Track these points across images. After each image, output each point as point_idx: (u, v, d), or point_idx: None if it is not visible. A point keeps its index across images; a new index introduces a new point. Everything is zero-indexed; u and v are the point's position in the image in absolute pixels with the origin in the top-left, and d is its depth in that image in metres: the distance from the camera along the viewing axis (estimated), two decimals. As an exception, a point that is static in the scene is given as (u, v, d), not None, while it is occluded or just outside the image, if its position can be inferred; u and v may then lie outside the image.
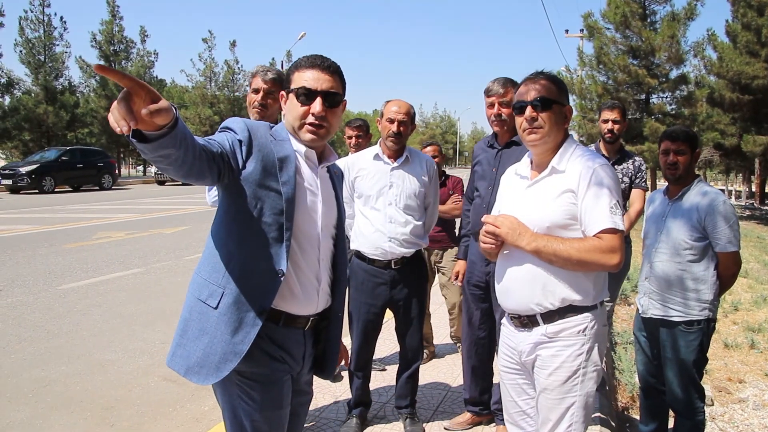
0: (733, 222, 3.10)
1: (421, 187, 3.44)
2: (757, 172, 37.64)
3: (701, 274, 3.14)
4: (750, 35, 23.04)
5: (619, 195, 2.12)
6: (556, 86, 2.25)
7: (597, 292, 2.18)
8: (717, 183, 61.32)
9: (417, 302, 3.52)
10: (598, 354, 2.18)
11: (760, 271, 11.24)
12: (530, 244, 2.12)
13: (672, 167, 3.21)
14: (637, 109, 22.14)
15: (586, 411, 2.17)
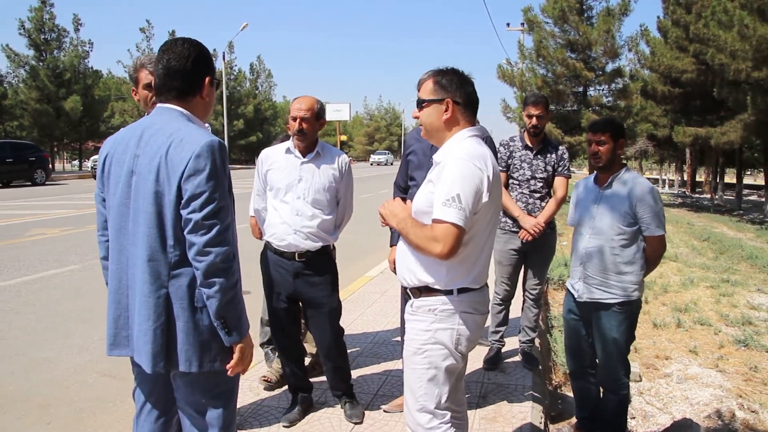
0: (660, 207, 3.29)
1: (332, 182, 3.46)
2: (688, 162, 39.29)
3: (633, 257, 3.31)
4: (679, 31, 24.00)
5: (464, 189, 2.17)
6: (434, 84, 2.38)
7: (451, 279, 2.29)
8: (652, 172, 63.68)
9: (324, 297, 3.51)
10: (449, 337, 2.31)
11: (689, 255, 11.78)
12: (396, 226, 2.34)
13: (595, 157, 3.36)
14: (575, 101, 22.75)
15: (435, 384, 2.32)
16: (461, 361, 2.40)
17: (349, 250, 9.83)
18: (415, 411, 2.36)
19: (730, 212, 23.92)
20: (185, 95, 2.12)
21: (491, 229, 2.39)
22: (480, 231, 2.31)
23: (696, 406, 4.70)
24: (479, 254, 2.35)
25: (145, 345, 2.03)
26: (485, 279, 2.42)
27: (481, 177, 2.22)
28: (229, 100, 49.05)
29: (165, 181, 1.97)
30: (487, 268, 2.43)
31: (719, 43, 17.74)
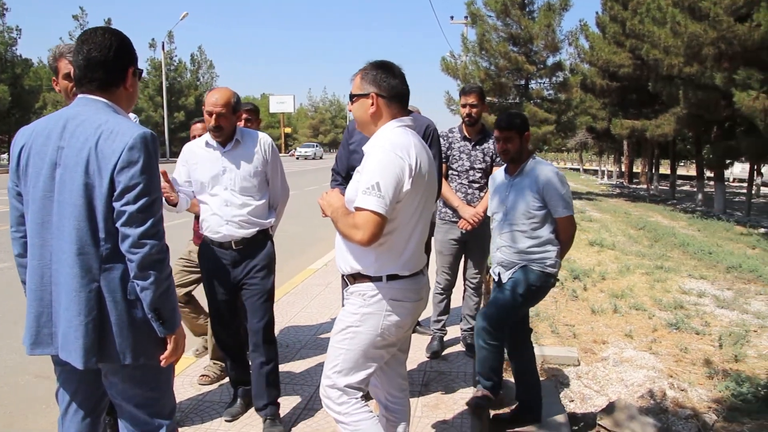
0: (566, 190, 3.46)
1: (257, 167, 3.38)
2: (626, 154, 40.56)
3: (545, 237, 3.47)
4: (617, 27, 24.69)
5: (384, 178, 2.23)
6: (360, 79, 2.46)
7: (380, 266, 2.37)
8: (591, 164, 65.44)
9: (259, 279, 3.42)
10: (375, 322, 2.38)
11: (626, 244, 12.19)
12: (331, 215, 2.40)
13: (503, 153, 3.54)
14: (517, 94, 23.13)
15: (354, 365, 2.41)
16: (387, 347, 2.46)
17: (292, 242, 9.78)
18: (326, 386, 2.45)
19: (664, 202, 24.87)
20: (108, 86, 2.07)
21: (420, 218, 2.43)
22: (406, 219, 2.37)
23: (630, 387, 4.88)
24: (407, 242, 2.40)
25: (76, 341, 1.98)
26: (418, 267, 2.47)
27: (402, 166, 2.27)
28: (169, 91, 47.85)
29: (95, 173, 1.93)
30: (419, 256, 2.47)
31: (653, 39, 18.34)
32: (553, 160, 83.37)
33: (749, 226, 16.59)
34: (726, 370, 5.17)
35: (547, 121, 21.51)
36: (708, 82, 16.19)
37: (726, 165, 22.35)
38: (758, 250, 12.35)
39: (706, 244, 12.30)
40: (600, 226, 14.93)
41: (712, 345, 5.91)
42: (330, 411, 2.45)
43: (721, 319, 6.89)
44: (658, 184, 32.14)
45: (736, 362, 5.45)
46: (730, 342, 5.88)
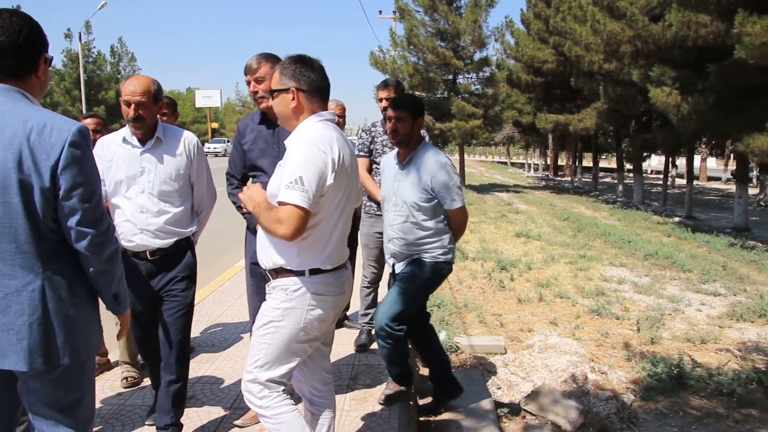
0: (455, 180, 3.42)
1: (180, 169, 3.08)
2: (551, 147, 41.84)
3: (436, 228, 3.43)
4: (541, 24, 25.42)
5: (306, 172, 2.23)
6: (279, 74, 2.43)
7: (303, 260, 2.37)
8: (518, 157, 67.11)
9: (177, 291, 3.13)
10: (298, 317, 2.37)
11: (551, 234, 12.57)
12: (253, 210, 2.36)
13: (393, 133, 3.42)
14: (445, 89, 23.45)
15: (276, 360, 2.39)
16: (309, 341, 2.45)
17: (219, 240, 9.60)
18: (247, 381, 2.42)
19: (587, 193, 25.82)
20: (19, 74, 1.95)
21: (342, 212, 2.44)
22: (329, 213, 2.37)
23: (555, 373, 5.04)
24: (330, 236, 2.40)
25: (19, 342, 1.88)
26: (341, 260, 2.47)
27: (324, 160, 2.28)
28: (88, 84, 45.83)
29: (31, 169, 1.84)
30: (342, 250, 2.47)
31: (575, 37, 18.99)
32: (481, 154, 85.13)
33: (665, 216, 17.43)
34: (643, 353, 5.41)
35: (475, 115, 21.90)
36: (626, 78, 16.91)
37: (643, 158, 23.40)
38: (673, 238, 13.00)
39: (625, 233, 12.84)
40: (526, 217, 15.34)
41: (631, 329, 6.18)
42: (251, 405, 2.42)
43: (639, 304, 7.22)
44: (581, 176, 33.29)
45: (652, 344, 5.71)
46: (647, 326, 6.16)
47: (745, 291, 8.01)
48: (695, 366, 5.10)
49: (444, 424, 3.71)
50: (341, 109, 4.77)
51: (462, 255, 9.44)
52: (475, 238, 11.52)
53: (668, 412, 4.37)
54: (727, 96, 12.60)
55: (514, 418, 4.21)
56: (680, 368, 4.87)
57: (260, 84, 3.17)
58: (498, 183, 30.72)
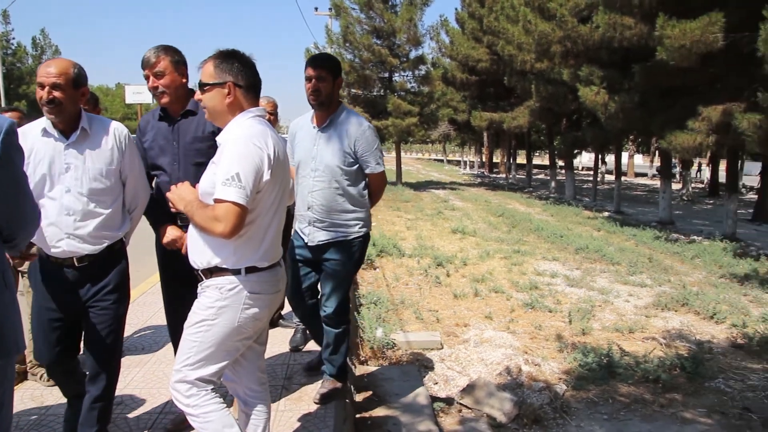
0: (377, 145, 3.42)
1: (110, 163, 2.77)
2: (486, 145, 42.60)
3: (357, 195, 3.41)
4: (475, 23, 25.83)
5: (243, 168, 2.20)
6: (214, 68, 2.37)
7: (239, 258, 2.33)
8: (455, 154, 68.01)
9: (108, 304, 2.82)
10: (233, 315, 2.33)
11: (486, 230, 12.79)
12: (184, 209, 2.31)
13: (314, 93, 3.31)
14: (381, 87, 23.51)
15: (207, 358, 2.33)
16: (243, 340, 2.41)
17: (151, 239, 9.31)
18: (175, 380, 2.36)
19: (521, 190, 26.42)
20: None
21: (277, 208, 2.42)
22: (265, 210, 2.35)
23: (490, 366, 5.11)
24: (265, 233, 2.38)
25: None
26: (275, 258, 2.45)
27: (261, 155, 2.26)
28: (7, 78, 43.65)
29: None
30: (277, 247, 2.46)
31: (508, 36, 19.41)
32: (418, 152, 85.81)
33: (595, 211, 17.99)
34: (575, 344, 5.56)
35: (411, 113, 22.05)
36: (557, 77, 17.39)
37: (574, 155, 24.10)
38: (603, 232, 13.44)
39: (558, 228, 13.19)
40: (462, 214, 15.56)
41: (563, 321, 6.34)
42: (179, 404, 2.36)
43: (571, 296, 7.42)
44: (515, 173, 34.06)
45: (583, 335, 5.88)
46: (578, 317, 6.33)
47: (669, 281, 8.36)
48: (623, 355, 5.28)
49: (381, 420, 3.70)
50: (273, 106, 4.68)
51: (399, 252, 9.48)
52: (412, 235, 11.59)
53: (598, 400, 4.50)
54: (651, 95, 13.13)
55: (450, 412, 4.24)
56: (609, 357, 5.03)
57: (160, 79, 3.00)
58: (434, 180, 31.04)
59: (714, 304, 6.88)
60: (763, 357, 5.48)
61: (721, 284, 8.37)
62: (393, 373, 4.43)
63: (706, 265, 9.84)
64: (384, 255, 9.31)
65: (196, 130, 3.08)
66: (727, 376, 4.98)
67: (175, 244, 3.10)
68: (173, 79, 3.03)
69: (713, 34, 9.94)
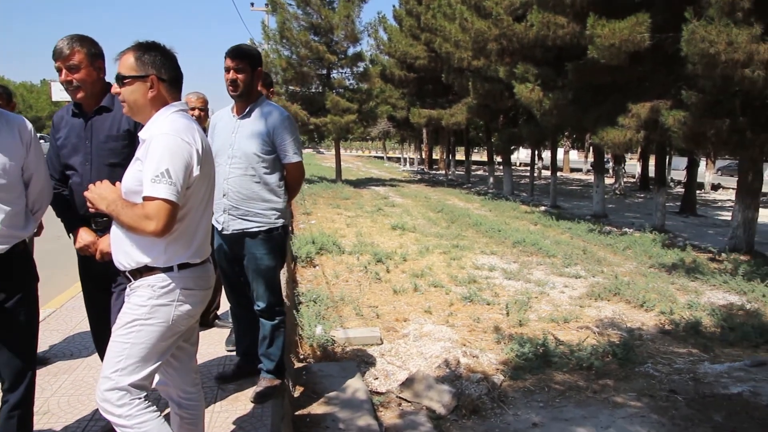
0: (296, 135, 3.41)
1: (14, 158, 2.55)
2: (425, 142, 42.98)
3: (274, 184, 3.38)
4: (412, 20, 25.96)
5: (173, 164, 2.13)
6: (135, 60, 2.26)
7: (170, 256, 2.26)
8: (395, 152, 68.33)
9: (16, 309, 2.62)
10: (167, 314, 2.25)
11: (425, 226, 12.88)
12: (107, 209, 2.21)
13: (233, 84, 3.28)
14: (319, 84, 23.36)
15: (140, 361, 2.23)
16: (175, 338, 2.33)
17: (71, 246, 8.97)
18: (105, 389, 2.19)
19: (461, 186, 26.77)
20: None
21: (207, 203, 2.38)
22: (195, 205, 2.29)
23: (429, 359, 5.14)
24: (196, 229, 2.33)
25: None
26: (206, 254, 2.40)
27: (189, 151, 2.20)
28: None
29: None
30: (207, 243, 2.41)
31: (445, 34, 19.58)
32: (358, 149, 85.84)
33: (532, 205, 18.42)
34: (512, 335, 5.65)
35: (349, 110, 22.00)
36: (493, 74, 17.64)
37: (511, 150, 24.58)
38: (539, 225, 13.76)
39: (496, 222, 13.41)
40: (402, 210, 15.63)
41: (501, 313, 6.44)
42: (109, 416, 2.21)
43: (509, 289, 7.55)
44: (455, 169, 34.49)
45: (520, 327, 5.99)
46: (515, 309, 6.45)
47: (602, 272, 8.62)
48: (558, 344, 5.40)
49: (319, 416, 3.66)
50: (203, 102, 4.58)
51: (338, 249, 9.44)
52: (352, 232, 11.57)
53: (535, 389, 4.59)
54: (584, 92, 13.50)
55: (390, 406, 4.24)
56: (545, 347, 5.14)
57: (75, 73, 2.78)
58: (374, 177, 31.10)
59: (644, 293, 7.14)
60: (688, 342, 5.72)
61: (651, 274, 8.70)
62: (332, 369, 4.40)
63: (636, 255, 10.20)
64: (324, 252, 9.25)
65: (111, 128, 2.90)
66: (655, 361, 5.17)
67: (88, 249, 2.93)
68: (89, 74, 2.83)
69: (640, 34, 10.29)
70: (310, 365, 4.51)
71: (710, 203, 23.28)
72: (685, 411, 4.22)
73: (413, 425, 3.91)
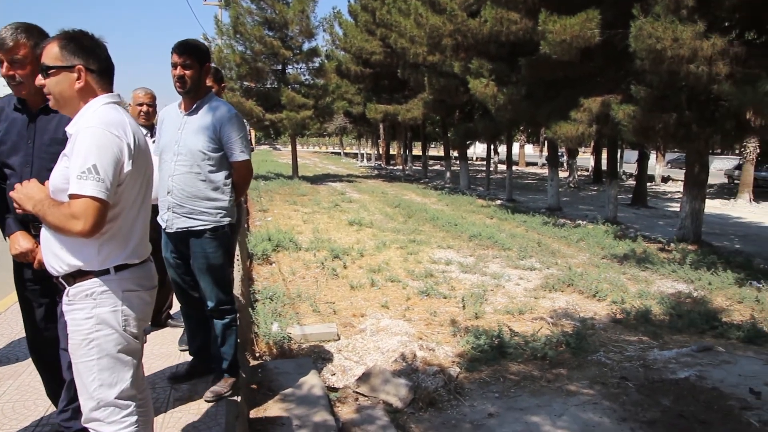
0: (244, 133, 3.35)
1: None
2: (382, 137, 43.02)
3: (220, 182, 3.32)
4: (368, 16, 25.93)
5: (101, 160, 2.03)
6: (60, 49, 2.14)
7: (105, 257, 2.15)
8: (352, 147, 68.21)
9: None
10: (115, 319, 2.16)
11: (383, 221, 12.89)
12: (33, 209, 2.09)
13: (180, 81, 3.21)
14: (275, 79, 23.13)
15: (112, 373, 2.16)
16: (135, 342, 2.24)
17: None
18: (91, 409, 2.14)
19: (418, 181, 26.90)
20: None
21: (143, 201, 2.27)
22: (129, 204, 2.18)
23: (386, 354, 5.15)
24: (132, 228, 2.22)
25: None
26: (146, 254, 2.30)
27: (120, 145, 2.08)
28: None
29: None
30: (146, 242, 2.31)
31: (400, 29, 19.59)
32: (315, 145, 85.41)
33: (488, 199, 18.62)
34: (468, 327, 5.70)
35: (305, 105, 21.84)
36: (448, 70, 17.77)
37: (468, 145, 24.79)
38: (495, 219, 13.92)
39: (452, 217, 13.52)
40: (359, 206, 15.61)
41: (457, 307, 6.49)
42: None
43: (465, 282, 7.62)
44: (412, 164, 34.64)
45: (476, 319, 6.05)
46: (471, 302, 6.50)
47: (556, 264, 8.77)
48: (513, 335, 5.47)
49: (275, 414, 3.63)
50: (151, 98, 4.45)
51: (295, 246, 9.37)
52: (309, 228, 11.50)
53: (490, 380, 4.64)
54: (537, 87, 13.70)
55: (347, 401, 4.23)
56: (500, 338, 5.20)
57: (19, 68, 2.58)
58: (332, 173, 30.98)
59: (596, 284, 7.30)
60: (639, 330, 5.87)
61: (603, 264, 8.89)
62: (288, 366, 4.36)
63: (589, 247, 10.42)
64: (280, 250, 9.16)
65: (57, 130, 2.70)
66: (607, 349, 5.28)
67: (26, 257, 2.73)
68: (35, 70, 2.54)
69: (591, 30, 10.49)
70: (266, 363, 4.46)
71: (660, 195, 23.97)
72: (635, 396, 4.33)
73: (370, 419, 3.91)
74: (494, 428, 3.92)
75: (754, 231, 14.47)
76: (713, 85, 8.34)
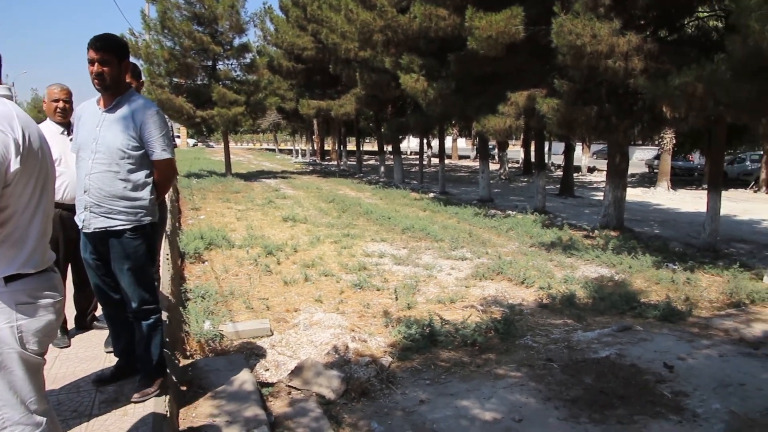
0: (166, 131, 3.28)
1: None
2: (316, 133, 42.83)
3: (140, 181, 3.25)
4: (299, 11, 25.73)
5: None
6: None
7: None
8: (286, 143, 67.58)
9: None
10: (10, 335, 1.98)
11: (317, 216, 12.88)
12: None
13: (98, 78, 3.09)
14: (205, 75, 22.64)
15: (14, 392, 2.00)
16: (38, 359, 2.08)
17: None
18: None
19: (352, 176, 26.95)
20: None
21: (39, 204, 2.07)
22: (22, 207, 1.98)
23: (319, 347, 5.19)
24: (25, 234, 2.02)
25: None
26: (45, 263, 2.11)
27: (5, 141, 1.88)
28: None
29: None
30: (45, 251, 2.13)
31: (331, 25, 19.56)
32: (249, 142, 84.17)
33: (422, 192, 18.86)
34: (400, 318, 5.80)
35: (237, 102, 21.49)
36: (380, 65, 17.86)
37: (400, 140, 25.01)
38: (428, 212, 14.13)
39: (386, 210, 13.65)
40: (293, 202, 15.53)
41: (390, 298, 6.59)
42: None
43: (398, 274, 7.73)
44: (346, 159, 34.62)
45: (409, 309, 6.15)
46: (404, 293, 6.61)
47: (487, 253, 9.00)
48: (444, 323, 5.61)
49: (206, 411, 3.61)
50: (67, 94, 4.30)
51: (228, 243, 9.26)
52: (242, 225, 11.38)
53: (422, 368, 4.75)
54: (466, 82, 13.97)
55: (279, 396, 4.24)
56: (431, 327, 5.32)
57: None
58: (266, 170, 30.64)
59: (524, 271, 7.55)
60: (564, 313, 6.11)
61: (531, 252, 9.19)
62: (219, 363, 4.34)
63: (519, 236, 10.74)
64: (213, 247, 9.03)
65: None
66: (534, 333, 5.49)
67: None
68: None
69: (515, 26, 10.77)
70: (197, 361, 4.42)
71: (587, 185, 24.86)
72: (560, 377, 4.52)
73: (303, 412, 3.94)
74: (425, 414, 4.02)
75: (672, 217, 15.22)
76: (630, 79, 8.73)
